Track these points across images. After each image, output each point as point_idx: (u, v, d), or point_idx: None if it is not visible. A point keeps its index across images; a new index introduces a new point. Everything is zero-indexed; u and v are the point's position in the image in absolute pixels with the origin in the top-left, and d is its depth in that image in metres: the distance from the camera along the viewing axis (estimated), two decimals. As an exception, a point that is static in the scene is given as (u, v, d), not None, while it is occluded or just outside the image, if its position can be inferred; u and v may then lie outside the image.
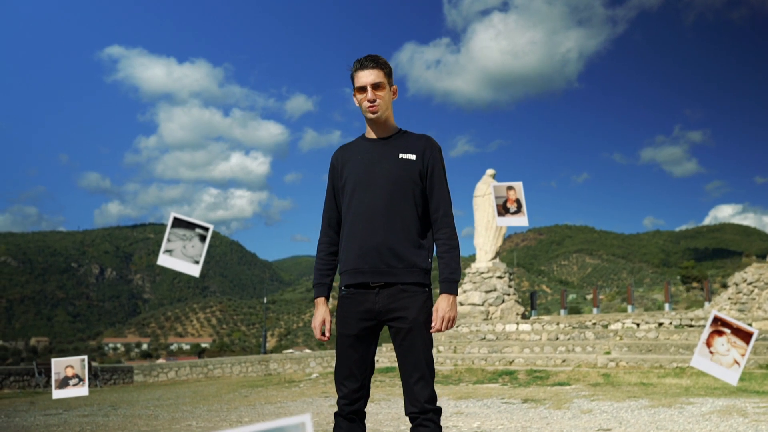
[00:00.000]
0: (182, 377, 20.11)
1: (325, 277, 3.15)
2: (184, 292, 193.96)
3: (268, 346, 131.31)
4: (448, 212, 3.05)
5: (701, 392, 9.55)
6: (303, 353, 22.73)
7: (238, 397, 11.78)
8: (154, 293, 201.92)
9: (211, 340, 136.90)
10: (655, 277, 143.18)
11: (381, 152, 3.03)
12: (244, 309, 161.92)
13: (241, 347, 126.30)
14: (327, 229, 3.16)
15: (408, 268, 2.93)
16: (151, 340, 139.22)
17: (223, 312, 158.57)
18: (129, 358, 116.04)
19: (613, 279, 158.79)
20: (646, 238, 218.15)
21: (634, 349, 12.98)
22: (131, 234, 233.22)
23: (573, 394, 9.83)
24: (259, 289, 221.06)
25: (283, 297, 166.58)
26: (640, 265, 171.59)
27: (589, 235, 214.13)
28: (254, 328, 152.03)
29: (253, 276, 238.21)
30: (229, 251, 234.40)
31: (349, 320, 2.97)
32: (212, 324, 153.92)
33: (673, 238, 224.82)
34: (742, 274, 17.31)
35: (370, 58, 3.08)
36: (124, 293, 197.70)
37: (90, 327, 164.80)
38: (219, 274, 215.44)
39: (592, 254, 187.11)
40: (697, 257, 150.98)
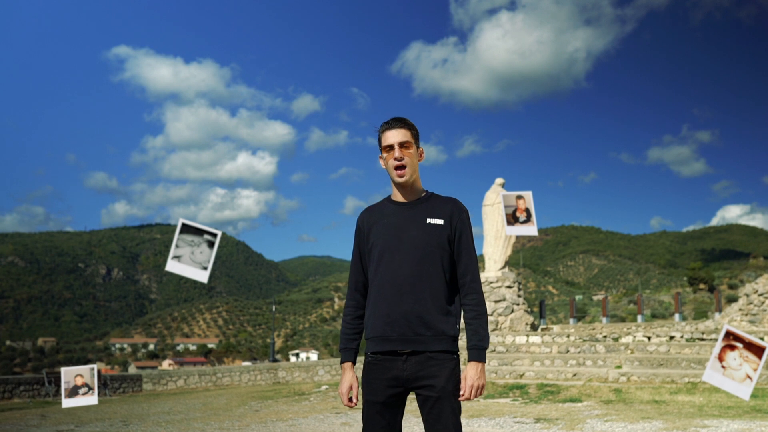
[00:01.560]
0: (191, 385, 20.13)
1: (352, 341, 3.11)
2: (191, 293, 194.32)
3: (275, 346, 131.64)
4: (475, 277, 3.01)
5: (715, 412, 9.49)
6: (311, 361, 22.71)
7: (248, 412, 11.76)
8: (161, 293, 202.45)
9: (217, 340, 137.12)
10: (662, 278, 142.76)
11: (408, 217, 3.00)
12: (251, 309, 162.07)
13: (247, 348, 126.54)
14: (353, 293, 3.13)
15: (436, 336, 2.90)
16: (157, 341, 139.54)
17: (229, 312, 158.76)
18: (136, 359, 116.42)
19: (620, 280, 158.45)
20: (653, 239, 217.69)
21: (645, 363, 12.92)
22: (138, 234, 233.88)
23: (586, 413, 9.79)
24: (265, 290, 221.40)
25: (289, 297, 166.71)
26: (646, 266, 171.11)
27: (595, 235, 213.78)
28: (261, 328, 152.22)
29: (260, 276, 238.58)
30: (235, 251, 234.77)
31: (376, 387, 2.94)
32: (219, 324, 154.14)
33: (680, 238, 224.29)
34: (753, 285, 17.21)
35: (398, 119, 3.06)
36: (131, 293, 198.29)
37: (97, 327, 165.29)
38: (225, 274, 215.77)
39: (598, 255, 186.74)
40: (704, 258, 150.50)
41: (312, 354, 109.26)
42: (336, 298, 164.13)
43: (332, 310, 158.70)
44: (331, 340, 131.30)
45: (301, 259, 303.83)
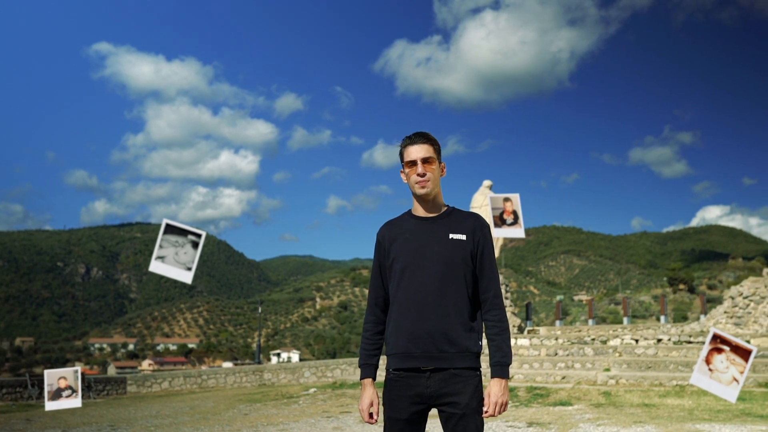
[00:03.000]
0: (176, 387, 19.97)
1: (372, 357, 3.08)
2: (171, 292, 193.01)
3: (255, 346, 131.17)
4: (498, 293, 3.00)
5: (705, 415, 9.55)
6: (297, 363, 22.64)
7: (238, 416, 11.68)
8: (141, 293, 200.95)
9: (198, 340, 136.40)
10: (642, 278, 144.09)
11: (430, 232, 2.98)
12: (232, 309, 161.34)
13: (228, 348, 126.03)
14: (374, 308, 3.10)
15: (460, 352, 2.88)
16: (137, 341, 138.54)
17: (210, 312, 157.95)
18: (115, 359, 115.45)
19: (601, 280, 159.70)
20: (633, 239, 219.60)
21: (633, 366, 13.00)
22: (118, 233, 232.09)
23: (577, 417, 9.81)
24: (246, 289, 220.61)
25: (270, 297, 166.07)
26: (627, 266, 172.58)
27: (576, 236, 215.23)
28: (242, 328, 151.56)
29: (241, 276, 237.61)
30: (216, 251, 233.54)
31: (399, 404, 2.91)
32: (199, 324, 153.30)
33: (660, 239, 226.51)
34: (739, 287, 17.39)
35: (420, 134, 3.05)
36: (111, 293, 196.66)
37: (76, 327, 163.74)
38: (206, 274, 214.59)
39: (579, 255, 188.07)
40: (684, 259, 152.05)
41: (293, 354, 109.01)
42: (318, 298, 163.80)
43: (314, 310, 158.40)
44: (312, 340, 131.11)
45: (283, 259, 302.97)
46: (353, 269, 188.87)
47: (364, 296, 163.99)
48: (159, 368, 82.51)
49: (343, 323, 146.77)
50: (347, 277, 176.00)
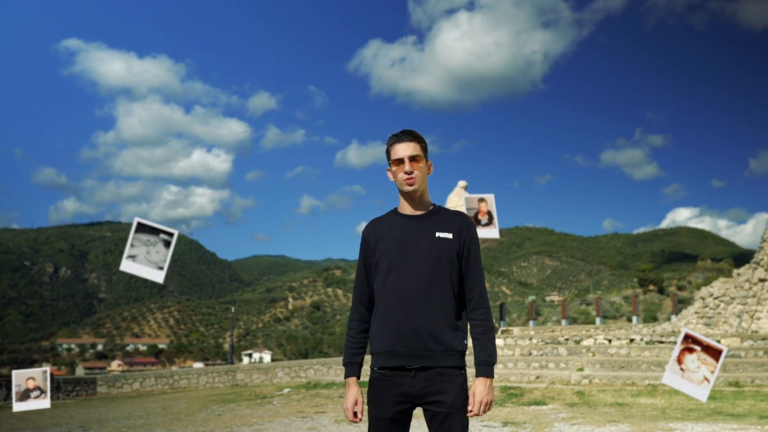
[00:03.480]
0: (147, 388, 19.74)
1: (357, 356, 3.05)
2: (141, 292, 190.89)
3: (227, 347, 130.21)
4: (483, 292, 3.00)
5: (678, 414, 9.66)
6: (270, 363, 22.51)
7: (211, 417, 11.56)
8: (110, 293, 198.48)
9: (168, 340, 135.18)
10: (613, 279, 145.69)
11: (417, 230, 2.96)
12: (203, 309, 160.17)
13: (199, 348, 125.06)
14: (358, 306, 3.07)
15: (446, 351, 2.87)
16: (106, 341, 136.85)
17: (181, 312, 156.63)
18: (83, 359, 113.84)
19: (572, 281, 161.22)
20: (604, 241, 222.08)
21: (606, 365, 13.12)
22: (87, 232, 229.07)
23: (552, 416, 9.87)
24: (218, 289, 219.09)
25: (242, 297, 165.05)
26: (598, 267, 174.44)
27: (548, 237, 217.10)
28: (213, 328, 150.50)
29: (213, 276, 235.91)
30: (188, 250, 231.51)
31: (384, 403, 2.89)
32: (170, 324, 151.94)
33: (631, 240, 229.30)
34: (709, 288, 17.65)
35: (407, 132, 3.03)
36: (79, 292, 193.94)
37: (43, 327, 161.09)
38: (177, 273, 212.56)
39: (551, 256, 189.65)
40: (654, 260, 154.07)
41: (265, 354, 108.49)
42: (290, 299, 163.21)
43: (286, 310, 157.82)
44: (284, 341, 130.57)
45: (255, 259, 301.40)
46: (326, 269, 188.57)
47: (336, 296, 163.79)
48: (129, 369, 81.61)
49: (316, 323, 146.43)
50: (320, 277, 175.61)
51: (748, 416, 9.36)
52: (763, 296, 16.42)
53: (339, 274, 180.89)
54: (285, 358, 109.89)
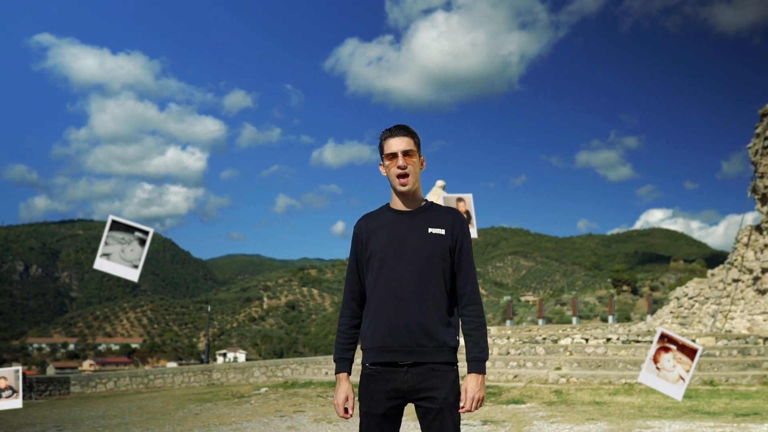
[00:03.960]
0: (121, 388, 19.51)
1: (347, 351, 3.02)
2: (114, 291, 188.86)
3: (201, 347, 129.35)
4: (475, 289, 2.99)
5: (655, 413, 9.74)
6: (247, 363, 22.37)
7: (188, 416, 11.45)
8: (82, 291, 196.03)
9: (141, 340, 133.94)
10: (587, 279, 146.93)
11: (409, 226, 2.94)
12: (177, 308, 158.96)
13: (173, 347, 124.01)
14: (349, 302, 3.04)
15: (439, 347, 2.86)
16: (78, 340, 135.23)
17: (154, 312, 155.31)
18: (54, 359, 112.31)
19: (547, 281, 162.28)
20: (579, 241, 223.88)
21: (584, 364, 13.21)
22: (59, 230, 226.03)
23: (531, 415, 9.90)
24: (192, 288, 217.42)
25: (217, 296, 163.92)
26: (573, 267, 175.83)
27: (524, 237, 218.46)
28: (187, 328, 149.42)
29: (187, 275, 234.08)
30: (161, 249, 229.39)
31: (375, 399, 2.86)
32: (143, 324, 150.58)
33: (605, 241, 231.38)
34: (684, 288, 17.85)
35: (401, 126, 3.02)
36: (50, 291, 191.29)
37: (13, 326, 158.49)
38: (151, 272, 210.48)
39: (526, 256, 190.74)
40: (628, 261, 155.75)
41: (240, 354, 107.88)
42: (265, 298, 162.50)
43: (261, 310, 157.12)
44: (259, 340, 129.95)
45: (230, 258, 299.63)
46: (301, 269, 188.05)
47: (312, 296, 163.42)
48: (101, 369, 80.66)
49: (291, 323, 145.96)
50: (295, 276, 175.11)
51: (723, 414, 9.47)
52: (736, 296, 16.65)
53: (314, 273, 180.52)
54: (260, 358, 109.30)
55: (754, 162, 16.55)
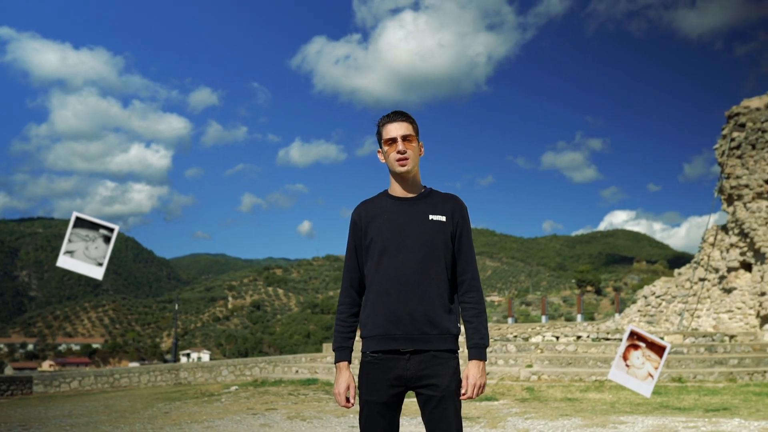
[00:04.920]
0: (86, 387, 19.14)
1: (347, 340, 2.98)
2: (75, 290, 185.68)
3: (164, 347, 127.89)
4: (476, 275, 2.97)
5: (627, 408, 9.86)
6: (214, 362, 22.12)
7: (158, 414, 11.26)
8: (42, 291, 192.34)
9: (103, 340, 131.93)
10: (552, 280, 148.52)
11: (410, 212, 2.91)
12: (139, 308, 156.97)
13: (135, 348, 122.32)
14: (348, 290, 3.00)
15: (441, 334, 2.83)
16: (37, 341, 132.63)
17: (116, 311, 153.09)
18: (12, 359, 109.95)
19: (512, 282, 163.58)
20: (544, 242, 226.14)
21: (555, 362, 13.31)
22: (18, 228, 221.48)
23: (505, 411, 9.94)
24: (155, 288, 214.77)
25: (181, 296, 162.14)
26: (538, 268, 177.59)
27: (489, 238, 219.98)
28: (149, 328, 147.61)
29: (150, 274, 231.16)
30: (124, 248, 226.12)
31: (377, 387, 2.82)
32: (104, 324, 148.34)
33: (569, 242, 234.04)
34: (651, 287, 18.11)
35: (399, 112, 2.99)
36: (9, 290, 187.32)
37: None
38: (113, 271, 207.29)
39: (492, 257, 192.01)
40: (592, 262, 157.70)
41: (204, 354, 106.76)
42: (230, 298, 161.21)
43: (226, 310, 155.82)
44: (224, 340, 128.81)
45: (194, 257, 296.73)
46: (267, 268, 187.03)
47: (277, 296, 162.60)
48: (61, 369, 79.16)
49: (256, 323, 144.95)
50: (260, 276, 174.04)
51: (694, 410, 9.62)
52: (703, 295, 16.95)
53: (280, 273, 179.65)
54: (224, 358, 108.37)
55: (721, 163, 16.87)
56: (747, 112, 16.58)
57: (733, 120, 16.83)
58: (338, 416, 9.92)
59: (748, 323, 15.91)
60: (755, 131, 16.24)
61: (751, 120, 16.41)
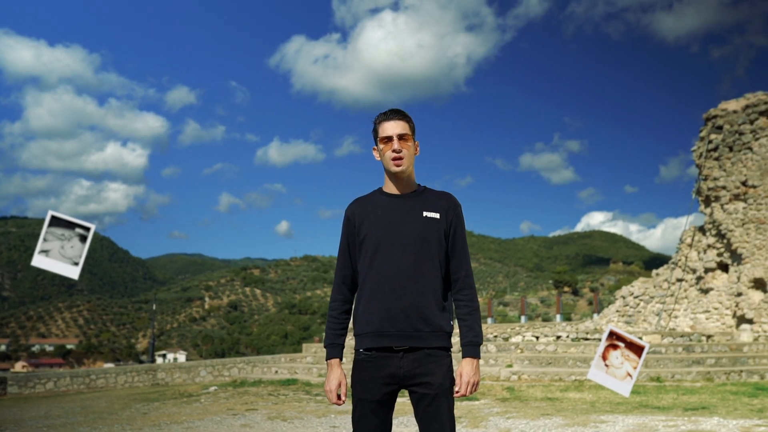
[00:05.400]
0: (62, 388, 18.88)
1: (339, 337, 2.96)
2: (49, 290, 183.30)
3: (140, 347, 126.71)
4: (469, 273, 2.98)
5: (607, 408, 9.92)
6: (192, 362, 21.95)
7: (137, 415, 11.13)
8: (15, 291, 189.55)
9: (77, 341, 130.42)
10: (529, 281, 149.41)
11: (404, 209, 2.90)
12: (115, 308, 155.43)
13: (110, 348, 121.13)
14: (341, 287, 2.98)
15: (435, 332, 2.83)
16: (10, 341, 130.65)
17: (91, 312, 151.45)
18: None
19: (490, 282, 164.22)
20: (521, 243, 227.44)
21: (534, 362, 13.37)
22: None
23: (486, 411, 9.96)
24: (131, 288, 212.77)
25: (157, 296, 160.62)
26: (515, 269, 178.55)
27: (468, 238, 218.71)
28: (125, 328, 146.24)
29: (125, 274, 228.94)
30: (99, 248, 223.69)
31: (370, 385, 2.80)
32: (79, 324, 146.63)
33: (547, 243, 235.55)
34: (629, 288, 18.26)
35: (395, 110, 2.97)
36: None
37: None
38: (88, 271, 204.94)
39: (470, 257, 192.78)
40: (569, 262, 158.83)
41: (180, 355, 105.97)
42: (207, 298, 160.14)
43: (202, 310, 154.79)
44: (200, 341, 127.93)
45: (171, 257, 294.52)
46: (244, 269, 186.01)
47: (254, 296, 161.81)
48: (34, 370, 78.13)
49: (233, 323, 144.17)
50: (238, 276, 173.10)
51: (673, 409, 9.70)
52: (680, 296, 17.12)
53: (257, 273, 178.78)
54: (201, 359, 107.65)
55: (699, 165, 17.05)
56: (724, 114, 16.78)
57: (710, 122, 17.03)
58: (319, 416, 9.88)
59: (724, 323, 16.10)
60: (732, 133, 16.44)
61: (729, 122, 16.61)
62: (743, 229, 15.84)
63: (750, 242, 15.66)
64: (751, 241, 15.64)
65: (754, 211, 15.69)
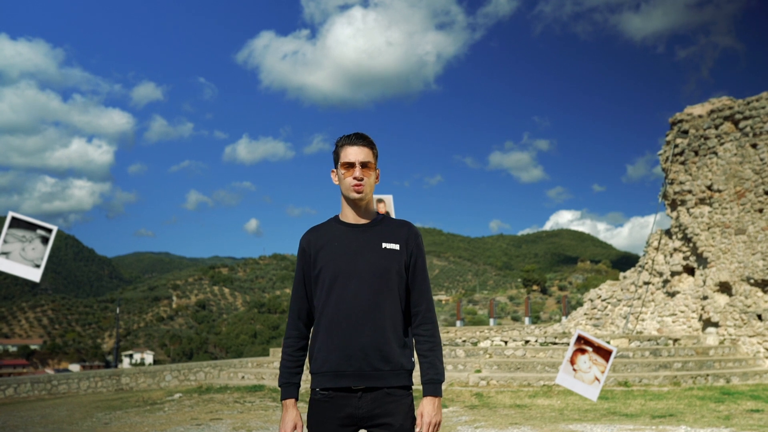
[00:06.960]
0: (22, 394, 18.41)
1: (294, 375, 2.82)
2: (11, 290, 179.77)
3: (105, 347, 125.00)
4: (431, 307, 2.84)
5: (575, 415, 9.89)
6: (157, 366, 21.58)
7: (97, 426, 10.85)
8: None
9: (41, 341, 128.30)
10: (498, 279, 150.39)
11: (362, 240, 2.76)
12: (80, 308, 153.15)
13: (75, 348, 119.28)
14: (296, 322, 2.83)
15: (394, 370, 2.70)
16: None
17: (55, 311, 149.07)
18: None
19: (459, 281, 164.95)
20: (490, 242, 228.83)
21: (503, 367, 13.32)
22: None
23: (455, 419, 9.87)
24: (96, 287, 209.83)
25: (123, 295, 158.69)
26: (484, 267, 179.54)
27: (437, 237, 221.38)
28: (90, 328, 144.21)
29: (91, 273, 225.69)
30: (64, 246, 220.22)
31: (327, 426, 2.66)
32: (43, 324, 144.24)
33: (516, 241, 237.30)
34: (597, 291, 18.35)
35: (360, 135, 2.81)
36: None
37: None
38: (52, 270, 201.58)
39: (439, 256, 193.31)
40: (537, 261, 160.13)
41: (147, 355, 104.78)
42: (174, 297, 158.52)
43: (170, 309, 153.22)
44: (168, 340, 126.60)
45: (137, 255, 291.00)
46: (212, 267, 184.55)
47: (223, 295, 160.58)
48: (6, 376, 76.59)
49: (201, 323, 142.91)
50: (206, 275, 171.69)
51: (641, 416, 9.70)
52: (647, 299, 17.23)
53: (226, 272, 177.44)
54: (168, 359, 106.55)
55: (665, 168, 17.17)
56: (690, 119, 16.92)
57: (676, 126, 17.16)
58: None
59: (690, 326, 16.25)
60: (698, 138, 16.58)
61: (694, 127, 16.75)
62: (709, 233, 15.99)
63: (715, 246, 15.81)
64: (716, 245, 15.80)
65: (719, 215, 15.85)
